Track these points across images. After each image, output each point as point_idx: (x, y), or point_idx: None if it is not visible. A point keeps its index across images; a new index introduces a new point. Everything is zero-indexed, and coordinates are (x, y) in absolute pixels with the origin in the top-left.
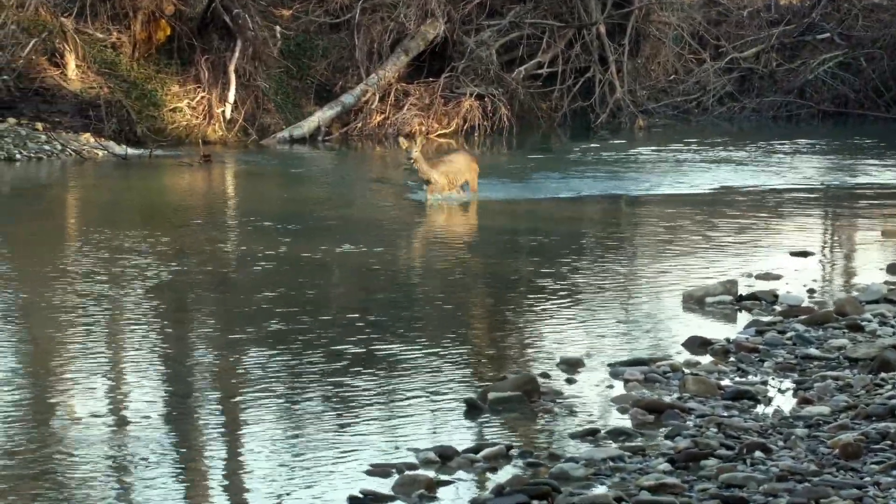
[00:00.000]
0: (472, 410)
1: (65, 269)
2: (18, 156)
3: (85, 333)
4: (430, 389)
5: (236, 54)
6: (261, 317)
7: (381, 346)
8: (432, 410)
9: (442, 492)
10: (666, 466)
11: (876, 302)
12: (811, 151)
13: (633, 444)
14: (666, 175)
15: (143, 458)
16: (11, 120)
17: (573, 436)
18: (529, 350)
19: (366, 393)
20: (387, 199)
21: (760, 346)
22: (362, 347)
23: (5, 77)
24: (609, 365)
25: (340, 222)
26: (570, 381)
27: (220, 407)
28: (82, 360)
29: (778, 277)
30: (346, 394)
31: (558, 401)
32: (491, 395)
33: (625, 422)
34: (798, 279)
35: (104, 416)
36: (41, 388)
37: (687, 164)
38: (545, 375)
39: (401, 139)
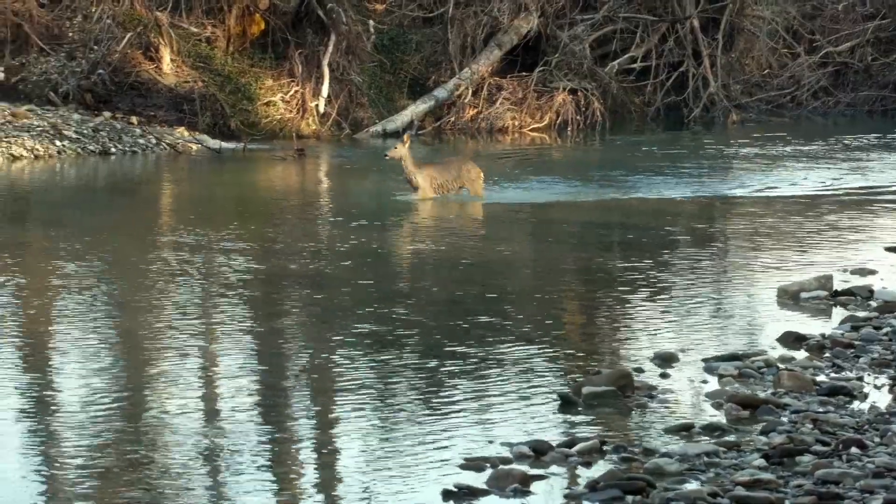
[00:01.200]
0: (567, 405)
1: (158, 263)
2: (114, 150)
3: (176, 327)
4: (524, 384)
5: (330, 48)
6: (353, 311)
7: (474, 340)
8: (526, 405)
9: (536, 486)
10: (761, 462)
11: None
12: None
13: (727, 439)
14: (759, 171)
15: (233, 451)
16: (107, 114)
17: (667, 431)
18: (623, 345)
19: (459, 387)
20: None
21: (856, 342)
22: (455, 341)
23: (101, 71)
24: (703, 360)
25: (432, 217)
26: (664, 376)
27: (311, 400)
28: (174, 354)
29: (873, 273)
30: (439, 387)
31: (652, 395)
32: (585, 390)
33: (719, 417)
34: (894, 274)
35: (195, 410)
36: (134, 381)
37: (781, 159)
38: (639, 370)
39: (405, 136)
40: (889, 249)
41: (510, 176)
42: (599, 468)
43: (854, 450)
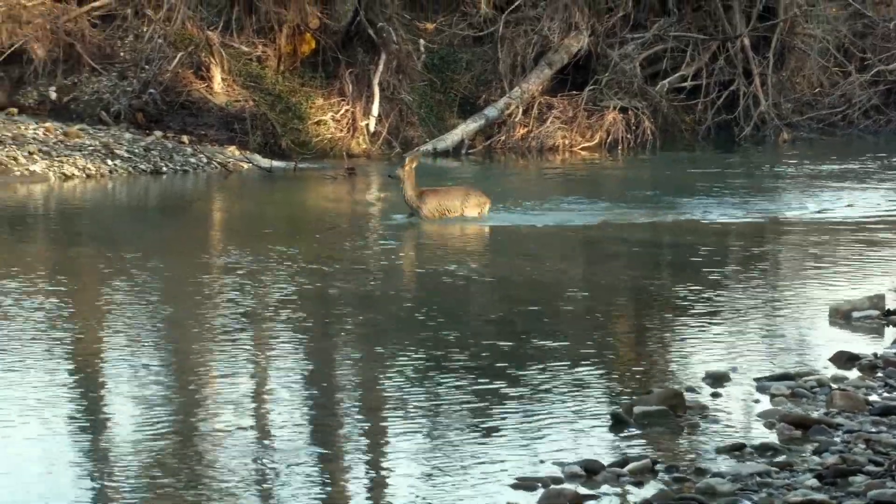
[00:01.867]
0: (618, 424)
1: (208, 281)
2: (165, 169)
3: (229, 344)
4: (575, 403)
5: (380, 67)
6: (403, 330)
7: (525, 359)
8: (577, 424)
9: None
10: (814, 482)
11: None
12: None
13: (780, 459)
14: (810, 190)
15: (286, 469)
16: (158, 133)
17: (719, 450)
18: (675, 364)
19: (510, 406)
20: (528, 211)
21: None
22: (506, 360)
23: (152, 91)
24: (755, 379)
25: (482, 236)
26: (715, 396)
27: (362, 418)
28: (225, 373)
29: None
30: (490, 406)
31: (704, 415)
32: (636, 410)
33: (771, 437)
34: None
35: (248, 428)
36: (185, 400)
37: (831, 179)
38: (691, 390)
39: (408, 159)
40: None
41: (560, 195)
42: (651, 488)
43: None
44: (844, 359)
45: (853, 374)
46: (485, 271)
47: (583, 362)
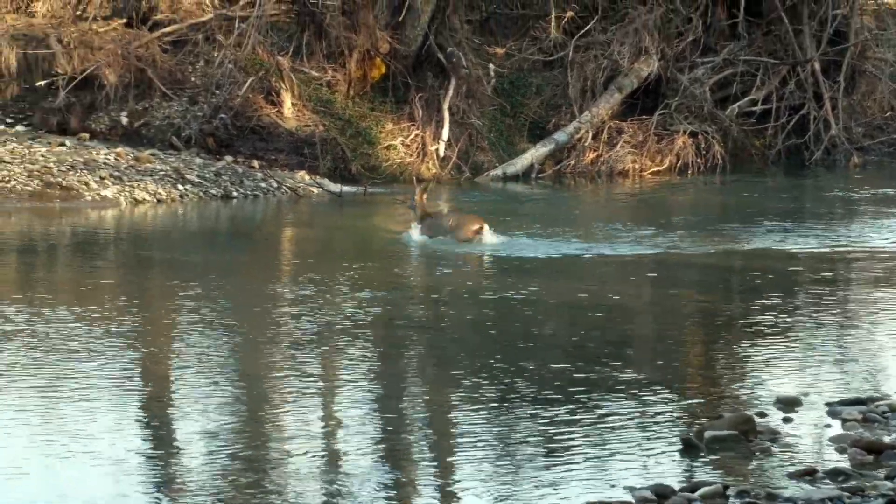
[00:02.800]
0: (689, 449)
1: (278, 305)
2: (235, 194)
3: (296, 369)
4: (646, 428)
5: (450, 92)
6: (471, 354)
7: (595, 384)
8: (648, 449)
9: None
10: None
11: None
12: None
13: (851, 484)
14: (882, 216)
15: (355, 495)
16: (228, 158)
17: (791, 476)
18: (745, 389)
19: (579, 430)
20: (599, 236)
21: None
22: (575, 385)
23: (222, 116)
24: (827, 404)
25: (550, 262)
26: (786, 420)
27: (432, 443)
28: (293, 397)
29: None
30: (561, 431)
31: (775, 440)
32: (707, 434)
33: (843, 462)
34: None
35: (315, 452)
36: (254, 423)
37: None
38: (762, 414)
39: (418, 190)
40: None
41: (630, 220)
42: None
43: None
44: None
45: None
46: (553, 296)
47: (653, 387)
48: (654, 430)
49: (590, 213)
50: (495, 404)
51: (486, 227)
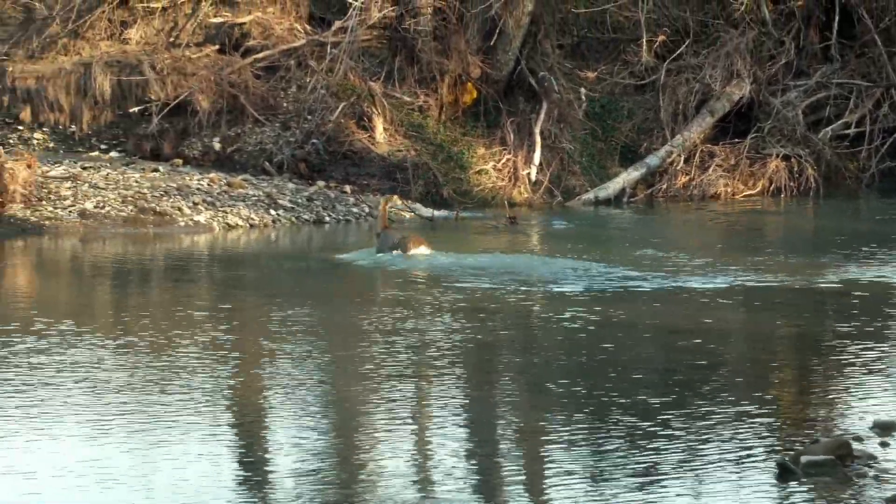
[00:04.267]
0: (785, 474)
1: (370, 325)
2: (327, 218)
3: (390, 390)
4: (741, 452)
5: (542, 116)
6: (564, 376)
7: (688, 408)
8: (743, 474)
9: None
10: None
11: None
12: None
13: None
14: None
15: None
16: (321, 183)
17: (888, 501)
18: (841, 413)
19: (672, 455)
20: (688, 261)
21: None
22: (667, 409)
23: (315, 141)
24: None
25: (645, 284)
26: (884, 445)
27: (525, 467)
28: (387, 419)
29: None
30: (654, 455)
31: (872, 465)
32: (803, 459)
33: None
34: None
35: (408, 474)
36: (347, 446)
37: None
38: (858, 439)
39: (382, 200)
40: None
41: (721, 243)
42: None
43: None
44: None
45: None
46: (645, 319)
47: (747, 411)
48: (749, 455)
49: (681, 238)
50: (586, 431)
51: (424, 246)
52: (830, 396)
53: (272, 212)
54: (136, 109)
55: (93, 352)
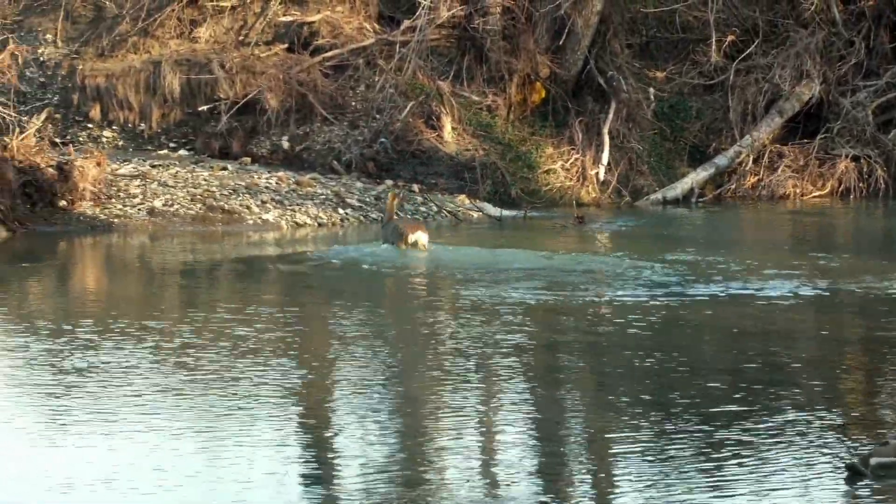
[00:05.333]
0: (854, 476)
1: (436, 328)
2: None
3: (455, 393)
4: (809, 454)
5: (610, 116)
6: (631, 377)
7: (756, 409)
8: (811, 475)
9: None
10: None
11: None
12: None
13: None
14: None
15: None
16: (389, 182)
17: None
18: None
19: (741, 456)
20: (758, 262)
21: None
22: (736, 409)
23: (383, 140)
24: None
25: (712, 286)
26: None
27: (593, 467)
28: (453, 421)
29: None
30: (721, 457)
31: None
32: (873, 461)
33: None
34: None
35: (476, 475)
36: (415, 446)
37: None
38: None
39: (390, 193)
40: None
41: (790, 245)
42: None
43: None
44: None
45: None
46: (712, 320)
47: (816, 413)
48: (817, 456)
49: (750, 239)
50: (655, 431)
51: (421, 235)
52: None
53: (340, 210)
54: (205, 108)
55: (159, 350)
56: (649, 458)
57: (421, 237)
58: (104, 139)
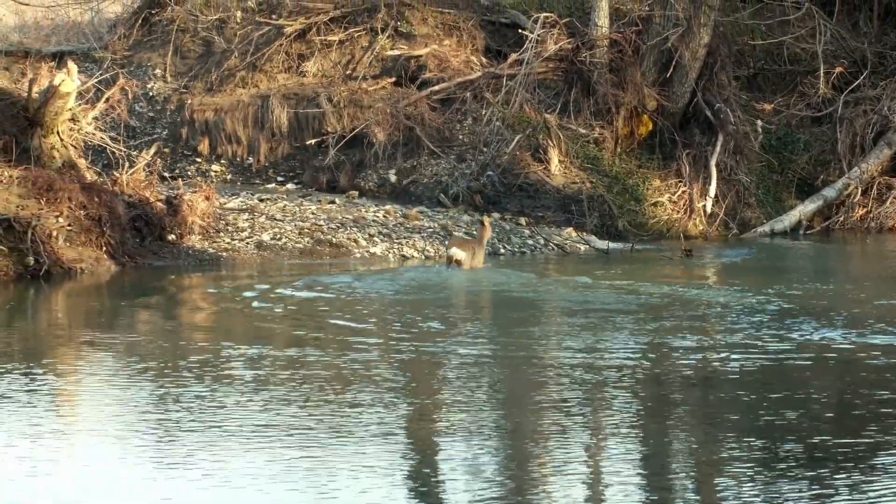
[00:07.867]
0: None
1: (539, 358)
2: (502, 250)
3: (562, 420)
4: None
5: (717, 148)
6: (739, 410)
7: (863, 448)
8: None
9: None
10: None
11: None
12: None
13: None
14: None
15: None
16: (496, 215)
17: None
18: None
19: (846, 498)
20: (870, 295)
21: None
22: (843, 448)
23: (490, 173)
24: None
25: (826, 316)
26: None
27: (696, 498)
28: (559, 448)
29: None
30: (820, 488)
31: None
32: None
33: None
34: None
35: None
36: (517, 474)
37: None
38: None
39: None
40: None
41: None
42: None
43: None
44: None
45: None
46: (826, 353)
47: None
48: None
49: (858, 271)
50: (761, 466)
51: (456, 251)
52: None
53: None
54: (312, 142)
55: (268, 380)
56: (749, 489)
57: (456, 252)
58: (212, 173)
